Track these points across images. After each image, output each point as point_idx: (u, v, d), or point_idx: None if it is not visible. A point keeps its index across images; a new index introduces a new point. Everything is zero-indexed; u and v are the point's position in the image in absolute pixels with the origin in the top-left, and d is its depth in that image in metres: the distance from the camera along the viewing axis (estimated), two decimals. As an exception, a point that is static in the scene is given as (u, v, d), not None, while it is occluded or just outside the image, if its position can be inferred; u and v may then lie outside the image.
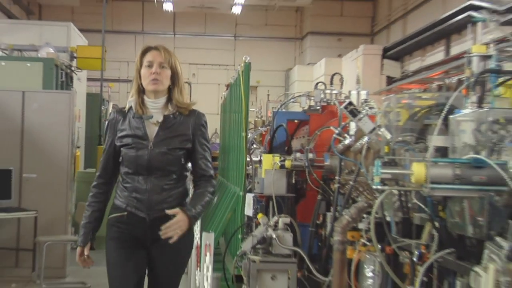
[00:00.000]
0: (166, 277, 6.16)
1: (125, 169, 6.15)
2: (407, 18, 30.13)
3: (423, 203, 6.96)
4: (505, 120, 5.86)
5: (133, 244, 6.08)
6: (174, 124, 6.14)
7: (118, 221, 6.13)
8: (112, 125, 6.24)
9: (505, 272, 5.03)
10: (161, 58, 6.02)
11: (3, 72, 15.67)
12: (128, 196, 6.09)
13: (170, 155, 6.06)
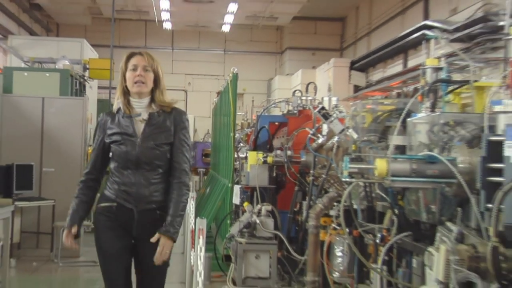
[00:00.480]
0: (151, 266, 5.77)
1: (115, 164, 5.90)
2: (371, 36, 30.15)
3: (385, 193, 7.05)
4: (454, 122, 5.93)
5: (121, 233, 5.82)
6: (159, 121, 5.90)
7: (107, 211, 5.85)
8: (101, 125, 6.02)
9: (454, 252, 5.08)
10: (144, 62, 5.84)
11: (26, 81, 15.62)
12: (118, 189, 5.82)
13: (157, 150, 5.84)
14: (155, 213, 5.78)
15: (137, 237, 5.80)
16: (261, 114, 15.17)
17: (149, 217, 5.77)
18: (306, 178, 11.55)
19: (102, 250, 5.90)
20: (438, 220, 5.98)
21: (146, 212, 5.75)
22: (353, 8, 33.39)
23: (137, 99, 5.85)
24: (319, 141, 10.71)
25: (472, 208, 5.36)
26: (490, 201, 4.91)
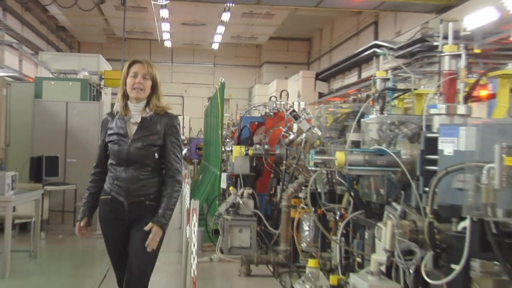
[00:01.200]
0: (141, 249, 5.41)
1: (111, 160, 5.62)
2: (332, 53, 30.20)
3: (343, 179, 7.05)
4: (398, 122, 5.93)
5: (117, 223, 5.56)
6: (150, 125, 5.59)
7: (104, 203, 5.62)
8: (104, 125, 5.77)
9: (398, 226, 5.08)
10: (144, 71, 5.54)
11: (53, 88, 15.57)
12: (112, 184, 5.57)
13: (145, 150, 5.52)
14: (144, 203, 5.54)
15: (129, 224, 5.55)
16: (244, 115, 15.19)
17: (138, 207, 5.54)
18: (280, 167, 11.60)
19: (104, 237, 5.74)
20: (385, 201, 5.99)
21: (135, 203, 5.51)
22: (317, 30, 33.44)
23: (134, 103, 5.59)
24: (290, 137, 10.75)
25: (413, 191, 5.37)
26: (427, 186, 4.92)
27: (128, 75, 5.56)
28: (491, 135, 4.39)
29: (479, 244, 4.44)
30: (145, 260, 5.49)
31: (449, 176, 4.65)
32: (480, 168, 4.33)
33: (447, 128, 4.90)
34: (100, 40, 34.50)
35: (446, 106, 5.37)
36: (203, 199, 14.08)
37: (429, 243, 4.85)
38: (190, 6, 24.38)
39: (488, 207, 4.29)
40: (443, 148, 4.81)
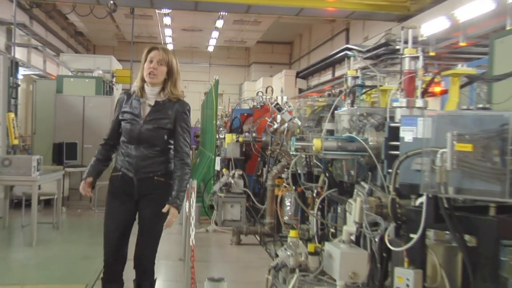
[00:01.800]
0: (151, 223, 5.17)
1: (123, 138, 5.25)
2: (310, 54, 30.17)
3: (320, 162, 7.07)
4: (366, 114, 5.94)
5: (125, 198, 5.17)
6: (162, 109, 5.22)
7: (115, 179, 5.22)
8: (119, 103, 5.35)
9: (366, 202, 5.11)
10: (159, 57, 5.22)
11: (72, 85, 15.57)
12: (123, 160, 5.21)
13: (155, 132, 5.15)
14: (152, 179, 5.16)
15: (139, 198, 5.18)
16: (235, 108, 15.25)
17: (147, 183, 5.17)
18: (265, 152, 11.61)
19: (106, 210, 5.29)
20: (355, 181, 6.01)
21: (144, 179, 5.13)
22: (298, 35, 33.40)
23: (150, 87, 5.25)
24: (275, 127, 10.76)
25: (378, 172, 5.39)
26: (390, 167, 4.94)
27: (146, 60, 5.25)
28: (444, 125, 4.41)
29: (433, 216, 4.47)
30: (155, 232, 5.21)
31: (409, 160, 4.67)
32: (435, 153, 4.35)
33: (407, 119, 4.93)
34: (112, 44, 34.41)
35: (407, 100, 5.39)
36: (200, 179, 14.08)
37: (392, 216, 4.88)
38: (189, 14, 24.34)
39: (441, 185, 4.32)
40: (404, 135, 4.83)
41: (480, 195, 4.40)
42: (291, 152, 6.79)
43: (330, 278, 4.87)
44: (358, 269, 4.75)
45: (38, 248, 9.54)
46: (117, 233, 5.14)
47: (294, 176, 8.07)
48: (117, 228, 5.15)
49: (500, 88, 6.60)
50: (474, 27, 14.54)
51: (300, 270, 4.97)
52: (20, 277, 7.90)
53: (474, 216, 4.50)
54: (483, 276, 4.38)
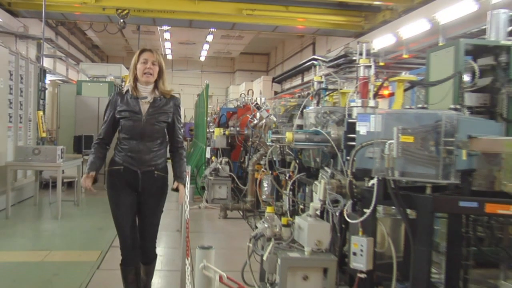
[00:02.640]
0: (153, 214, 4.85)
1: (124, 135, 4.76)
2: (284, 63, 30.11)
3: (291, 151, 7.07)
4: (329, 112, 5.96)
5: (127, 191, 4.74)
6: (160, 104, 4.81)
7: (116, 173, 4.73)
8: (112, 103, 4.84)
9: (329, 183, 5.13)
10: (153, 58, 4.82)
11: (89, 88, 15.44)
12: (124, 155, 4.72)
13: (158, 126, 4.76)
14: (153, 173, 4.75)
15: (142, 191, 4.76)
16: (222, 107, 15.19)
17: (150, 176, 4.75)
18: (247, 143, 11.61)
19: (114, 203, 4.80)
20: (320, 166, 6.03)
21: (147, 172, 4.72)
22: (273, 48, 33.35)
23: (144, 85, 4.80)
24: (255, 122, 10.74)
25: (339, 159, 5.41)
26: (348, 155, 4.96)
27: (139, 61, 4.82)
28: (391, 121, 4.44)
29: (382, 195, 4.50)
30: (157, 222, 4.90)
31: (363, 149, 4.69)
32: (384, 143, 4.38)
33: (362, 116, 4.94)
34: (122, 54, 34.18)
35: (361, 101, 5.41)
36: (194, 165, 14.05)
37: (349, 194, 4.90)
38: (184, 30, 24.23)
39: (389, 170, 4.35)
40: (359, 129, 4.84)
41: (419, 177, 4.44)
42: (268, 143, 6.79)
43: (299, 245, 4.88)
44: (322, 238, 4.77)
45: (62, 221, 9.60)
46: (129, 223, 4.77)
47: (271, 162, 8.11)
48: (128, 219, 4.77)
49: (435, 91, 6.65)
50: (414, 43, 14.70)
51: (275, 239, 4.98)
52: (48, 244, 7.93)
53: (415, 194, 4.54)
54: (421, 241, 4.42)
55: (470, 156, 4.62)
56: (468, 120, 4.94)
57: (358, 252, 4.59)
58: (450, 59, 6.66)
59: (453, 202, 4.53)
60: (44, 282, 6.00)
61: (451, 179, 4.35)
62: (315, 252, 4.73)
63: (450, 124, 4.31)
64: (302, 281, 4.65)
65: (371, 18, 17.08)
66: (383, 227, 5.17)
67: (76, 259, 7.07)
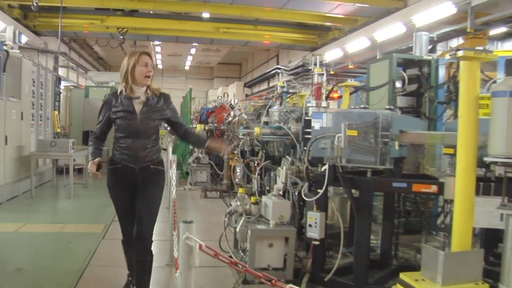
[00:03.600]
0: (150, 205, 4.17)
1: (120, 134, 4.19)
2: (253, 72, 30.00)
3: (259, 143, 7.03)
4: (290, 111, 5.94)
5: (125, 187, 4.17)
6: (153, 103, 4.21)
7: (114, 171, 4.19)
8: (108, 103, 4.25)
9: (289, 169, 5.12)
10: (151, 62, 4.30)
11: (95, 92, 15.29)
12: (121, 153, 4.16)
13: (152, 124, 4.17)
14: (150, 168, 4.17)
15: (141, 184, 4.15)
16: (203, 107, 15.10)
17: (146, 171, 4.15)
18: (223, 136, 11.55)
19: (114, 200, 4.29)
20: (282, 155, 6.02)
21: (144, 168, 4.13)
22: (245, 59, 33.23)
23: (139, 87, 4.20)
24: (229, 119, 10.69)
25: (298, 149, 5.41)
26: (305, 146, 4.96)
27: (138, 64, 4.18)
28: (339, 118, 4.45)
29: (333, 178, 4.51)
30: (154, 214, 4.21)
31: (317, 141, 4.69)
32: (334, 136, 4.39)
33: (316, 114, 4.94)
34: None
35: (316, 102, 5.41)
36: (179, 154, 13.92)
37: (306, 178, 4.90)
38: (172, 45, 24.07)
39: (337, 157, 4.36)
40: (314, 125, 4.84)
41: (362, 163, 4.46)
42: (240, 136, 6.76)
43: (266, 219, 4.87)
44: (284, 213, 4.76)
45: (74, 200, 9.54)
46: (129, 215, 4.22)
47: (242, 152, 8.06)
48: (129, 213, 4.21)
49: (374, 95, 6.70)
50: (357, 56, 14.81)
51: (246, 214, 4.96)
52: (63, 219, 7.90)
53: (358, 177, 4.57)
54: (363, 215, 4.45)
55: (401, 147, 4.66)
56: (400, 118, 4.98)
57: (313, 224, 4.60)
58: (386, 69, 6.72)
59: (388, 183, 4.57)
60: (61, 249, 6.04)
61: (387, 165, 4.39)
62: (278, 225, 4.73)
63: (385, 121, 4.34)
64: (268, 248, 4.64)
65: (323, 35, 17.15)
66: (333, 204, 5.19)
67: (86, 230, 7.07)
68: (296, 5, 14.19)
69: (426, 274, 3.20)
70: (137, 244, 4.13)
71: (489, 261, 5.06)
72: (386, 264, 5.24)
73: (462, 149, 3.26)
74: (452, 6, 9.56)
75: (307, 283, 4.67)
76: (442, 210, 5.69)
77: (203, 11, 15.11)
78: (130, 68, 4.18)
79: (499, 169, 3.17)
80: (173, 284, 4.89)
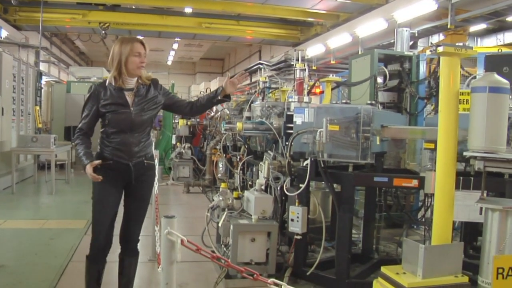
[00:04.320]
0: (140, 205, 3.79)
1: (112, 129, 3.66)
2: (235, 67, 29.86)
3: (241, 138, 7.02)
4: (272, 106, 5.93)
5: (114, 189, 3.69)
6: (144, 92, 3.72)
7: (104, 167, 3.60)
8: (95, 95, 3.69)
9: (271, 164, 5.12)
10: (145, 51, 3.74)
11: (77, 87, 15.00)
12: (113, 149, 3.63)
13: (146, 116, 3.70)
14: (143, 163, 3.72)
15: (134, 180, 3.69)
16: (186, 102, 15.03)
17: (140, 166, 3.69)
18: (206, 131, 11.51)
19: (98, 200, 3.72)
20: (264, 150, 6.01)
21: (137, 163, 3.67)
22: (227, 54, 33.08)
23: (131, 77, 3.72)
24: (212, 114, 10.68)
25: (280, 144, 5.40)
26: (287, 141, 4.96)
27: (131, 53, 3.67)
28: (321, 113, 4.45)
29: (314, 172, 4.52)
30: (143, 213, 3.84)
31: (299, 136, 4.69)
32: (316, 131, 4.39)
33: (298, 109, 4.94)
34: (104, 59, 32.82)
35: (298, 97, 5.41)
36: (162, 149, 13.79)
37: (288, 173, 4.91)
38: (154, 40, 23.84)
39: (319, 152, 4.36)
40: (296, 120, 4.84)
41: (343, 158, 4.48)
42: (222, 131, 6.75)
43: (248, 214, 4.87)
44: (266, 208, 4.76)
45: (56, 196, 9.43)
46: (109, 222, 3.71)
47: (224, 147, 8.04)
48: (108, 217, 3.71)
49: (355, 90, 6.72)
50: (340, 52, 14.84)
51: (228, 209, 4.95)
52: (45, 214, 7.85)
53: (340, 172, 4.58)
54: (344, 209, 4.46)
55: (382, 142, 4.68)
56: (381, 113, 5.00)
57: (295, 219, 4.60)
58: (367, 65, 6.73)
59: (369, 178, 4.58)
60: (43, 245, 5.97)
61: (368, 159, 4.41)
62: (261, 219, 4.73)
63: (367, 116, 4.35)
64: (250, 243, 4.64)
65: (306, 31, 17.15)
66: (315, 199, 5.21)
67: (68, 226, 7.00)
68: (278, 1, 14.15)
69: (407, 268, 3.22)
70: (126, 246, 3.84)
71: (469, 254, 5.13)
72: (367, 258, 5.27)
73: (442, 144, 3.28)
74: (432, 2, 9.63)
75: (289, 277, 4.68)
76: (422, 204, 5.75)
77: (185, 6, 15.01)
78: (123, 58, 3.69)
79: (478, 164, 3.19)
80: (155, 279, 4.85)
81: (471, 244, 5.42)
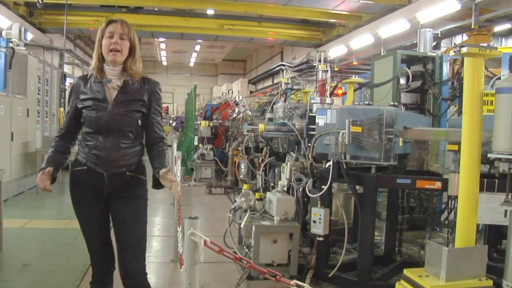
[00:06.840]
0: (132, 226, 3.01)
1: (87, 129, 3.01)
2: (257, 68, 29.93)
3: (263, 139, 7.04)
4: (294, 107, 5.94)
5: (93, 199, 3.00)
6: (133, 90, 3.02)
7: (79, 175, 3.01)
8: (75, 89, 3.07)
9: (294, 165, 5.12)
10: (121, 30, 2.99)
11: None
12: (88, 153, 2.98)
13: (128, 117, 2.98)
14: (125, 175, 2.99)
15: (108, 197, 3.00)
16: (207, 103, 15.11)
17: (119, 179, 2.98)
18: (228, 133, 11.55)
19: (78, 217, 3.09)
20: (287, 151, 6.02)
21: (116, 175, 2.97)
22: (249, 56, 33.15)
23: (111, 67, 3.03)
24: (234, 116, 10.71)
25: (302, 146, 5.41)
26: (310, 142, 4.96)
27: (103, 36, 3.03)
28: (343, 115, 4.45)
29: (336, 174, 4.52)
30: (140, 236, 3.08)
31: (322, 137, 4.70)
32: (338, 133, 4.39)
33: (320, 110, 4.94)
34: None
35: (320, 99, 5.41)
36: (184, 151, 13.92)
37: (310, 174, 4.91)
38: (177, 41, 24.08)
39: (342, 154, 4.36)
40: (318, 121, 4.85)
41: (366, 160, 4.46)
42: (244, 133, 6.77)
43: (270, 215, 4.88)
44: (288, 209, 4.77)
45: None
46: (99, 240, 3.12)
47: (247, 148, 8.07)
48: (98, 236, 3.11)
49: (378, 91, 6.69)
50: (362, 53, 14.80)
51: (251, 210, 4.97)
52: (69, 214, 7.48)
53: (362, 173, 4.57)
54: (367, 211, 4.45)
55: (405, 143, 4.66)
56: (404, 114, 4.98)
57: (317, 220, 4.61)
58: (390, 66, 6.71)
59: (392, 179, 4.57)
60: (66, 244, 6.04)
61: (391, 161, 4.39)
62: (283, 221, 4.74)
63: (390, 118, 4.34)
64: (272, 244, 4.65)
65: (328, 32, 17.11)
66: (337, 200, 5.20)
67: (90, 227, 7.07)
68: (300, 2, 14.16)
69: (430, 270, 3.20)
70: (127, 282, 3.08)
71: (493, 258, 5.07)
72: (390, 260, 5.25)
73: (466, 146, 3.26)
74: (456, 2, 9.55)
75: (311, 279, 4.69)
76: (446, 207, 5.70)
77: (207, 7, 15.10)
78: (98, 42, 3.09)
79: (503, 166, 3.16)
80: (177, 279, 4.90)
81: (496, 247, 5.35)
